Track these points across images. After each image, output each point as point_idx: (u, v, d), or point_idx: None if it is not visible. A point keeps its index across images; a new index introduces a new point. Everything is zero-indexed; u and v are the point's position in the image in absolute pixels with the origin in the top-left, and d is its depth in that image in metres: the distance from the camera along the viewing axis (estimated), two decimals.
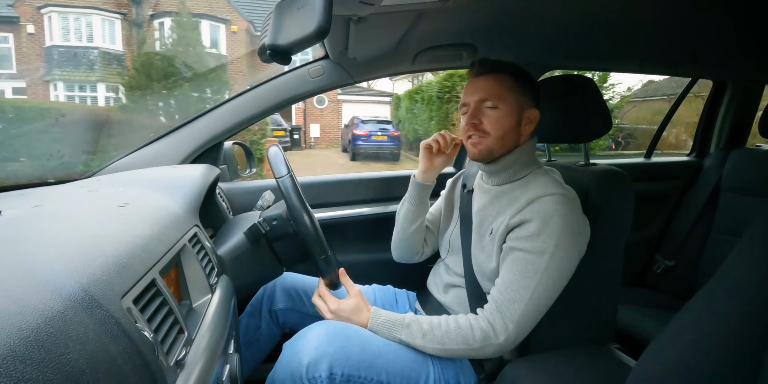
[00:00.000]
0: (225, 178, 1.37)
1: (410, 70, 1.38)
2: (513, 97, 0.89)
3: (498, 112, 0.89)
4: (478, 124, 0.90)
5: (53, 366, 0.31)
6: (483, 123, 0.90)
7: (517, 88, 0.90)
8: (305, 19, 0.58)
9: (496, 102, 0.89)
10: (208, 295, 0.69)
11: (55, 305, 0.35)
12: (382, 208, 1.48)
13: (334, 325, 0.83)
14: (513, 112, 0.89)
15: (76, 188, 0.85)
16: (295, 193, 0.83)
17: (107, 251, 0.48)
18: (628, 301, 1.54)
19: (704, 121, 1.91)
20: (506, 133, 0.90)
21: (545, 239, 0.81)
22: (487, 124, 0.89)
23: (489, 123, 0.89)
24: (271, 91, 1.26)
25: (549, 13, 1.03)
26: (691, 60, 1.49)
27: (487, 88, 0.89)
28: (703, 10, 0.99)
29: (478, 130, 0.90)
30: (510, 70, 0.91)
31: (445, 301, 1.01)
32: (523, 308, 0.81)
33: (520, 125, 0.91)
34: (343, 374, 0.77)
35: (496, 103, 0.89)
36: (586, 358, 0.90)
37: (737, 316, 0.53)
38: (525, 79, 0.91)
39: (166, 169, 1.06)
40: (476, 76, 0.92)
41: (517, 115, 0.90)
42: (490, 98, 0.89)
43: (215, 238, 0.92)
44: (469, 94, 0.92)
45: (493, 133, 0.89)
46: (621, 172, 0.97)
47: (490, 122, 0.89)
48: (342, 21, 0.90)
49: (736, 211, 1.60)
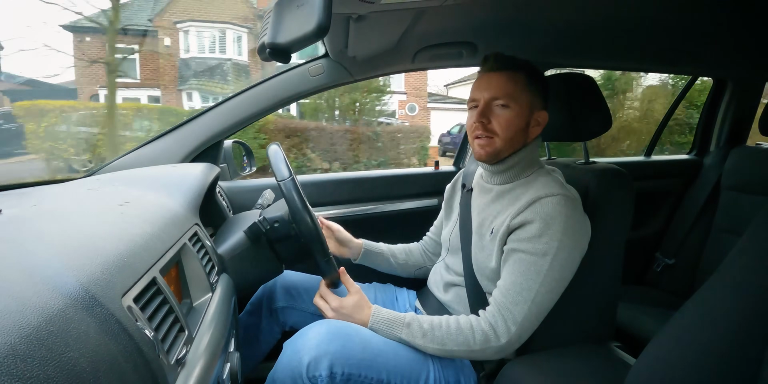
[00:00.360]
0: (225, 176, 1.37)
1: (410, 68, 1.38)
2: (525, 97, 0.86)
3: (509, 112, 0.86)
4: (486, 123, 0.87)
5: (54, 364, 0.31)
6: (492, 123, 0.87)
7: (530, 88, 0.87)
8: (305, 18, 0.58)
9: (508, 101, 0.85)
10: (209, 293, 0.69)
11: (55, 304, 0.36)
12: (382, 207, 1.49)
13: (334, 324, 0.83)
14: (524, 113, 0.87)
15: (76, 187, 0.85)
16: (298, 196, 0.83)
17: (108, 250, 0.48)
18: (629, 299, 1.54)
19: (704, 119, 1.91)
20: (515, 134, 0.87)
21: (547, 241, 0.81)
22: (496, 125, 0.86)
23: (498, 123, 0.86)
24: (270, 89, 1.26)
25: (549, 12, 1.02)
26: (691, 58, 1.49)
27: (500, 85, 0.86)
28: (703, 8, 0.99)
29: (487, 130, 0.87)
30: (525, 68, 0.87)
31: (445, 300, 1.01)
32: (525, 310, 0.80)
33: (528, 127, 0.89)
34: (344, 373, 0.77)
35: (507, 102, 0.85)
36: (586, 356, 0.90)
37: (737, 315, 0.53)
38: (538, 79, 0.89)
39: (166, 168, 1.06)
40: (489, 71, 0.88)
41: (527, 117, 0.88)
42: (502, 97, 0.86)
43: (215, 236, 0.92)
44: (480, 90, 0.88)
45: (502, 135, 0.87)
46: (621, 171, 0.96)
47: (500, 123, 0.86)
48: (342, 19, 0.90)
49: (736, 210, 1.60)
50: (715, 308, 0.57)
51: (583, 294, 0.91)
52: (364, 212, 1.47)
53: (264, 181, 1.43)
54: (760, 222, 0.57)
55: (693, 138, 1.99)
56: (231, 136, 1.30)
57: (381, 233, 1.30)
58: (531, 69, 0.88)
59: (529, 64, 0.89)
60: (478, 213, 0.96)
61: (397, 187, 1.53)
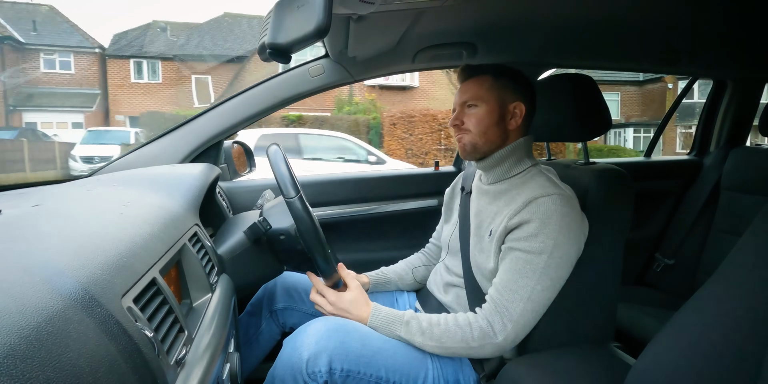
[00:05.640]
0: (225, 177, 1.37)
1: (410, 69, 1.38)
2: (493, 94, 0.93)
3: (478, 110, 0.93)
4: (459, 124, 0.95)
5: (53, 365, 0.31)
6: (465, 123, 0.94)
7: (497, 85, 0.93)
8: (305, 18, 0.58)
9: (476, 101, 0.93)
10: (209, 294, 0.69)
11: (55, 304, 0.35)
12: (382, 207, 1.48)
13: (334, 321, 0.84)
14: (494, 108, 0.92)
15: (76, 187, 0.85)
16: (308, 216, 0.82)
17: (107, 250, 0.48)
18: (628, 299, 1.54)
19: (704, 119, 1.91)
20: (488, 128, 0.93)
21: (543, 239, 0.81)
22: (468, 123, 0.94)
23: (470, 121, 0.93)
24: (270, 90, 1.25)
25: (549, 12, 1.02)
26: (691, 59, 1.49)
27: (468, 90, 0.94)
28: (703, 8, 0.99)
29: (461, 130, 0.95)
30: (489, 71, 0.94)
31: (445, 301, 1.01)
32: (521, 308, 0.81)
33: (504, 119, 0.94)
34: (343, 369, 0.77)
35: (475, 102, 0.93)
36: (586, 356, 0.89)
37: (737, 315, 0.53)
38: (505, 76, 0.95)
39: (165, 168, 1.06)
40: (461, 82, 0.97)
41: (500, 111, 0.93)
42: (470, 99, 0.93)
43: (215, 237, 0.92)
44: (456, 99, 0.97)
45: (474, 130, 0.93)
46: (621, 171, 0.96)
47: (471, 120, 0.93)
48: (342, 20, 0.90)
49: (736, 210, 1.60)
50: (714, 308, 0.57)
51: (583, 294, 0.91)
52: (364, 212, 1.47)
53: (264, 181, 1.43)
54: (760, 222, 0.57)
55: (693, 138, 1.99)
56: (231, 136, 1.30)
57: (381, 233, 1.30)
58: (496, 69, 0.95)
59: (494, 66, 0.96)
60: (476, 215, 0.97)
61: (397, 188, 1.53)
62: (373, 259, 1.42)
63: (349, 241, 1.46)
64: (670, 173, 1.83)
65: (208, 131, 1.23)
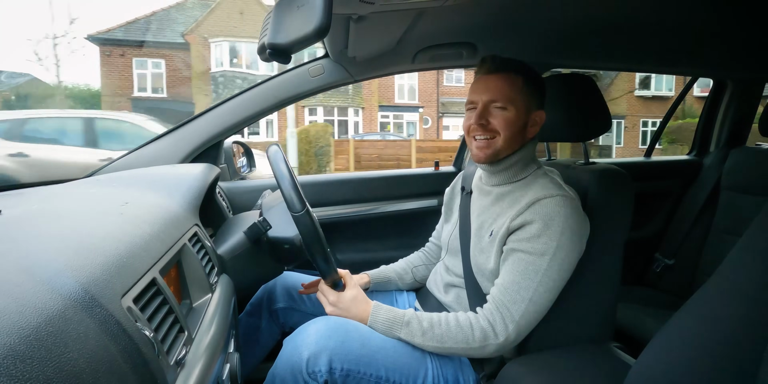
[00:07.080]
0: (225, 177, 1.37)
1: (410, 69, 1.38)
2: (522, 99, 0.87)
3: (507, 114, 0.87)
4: (486, 124, 0.88)
5: (53, 365, 0.31)
6: (491, 123, 0.87)
7: (527, 90, 0.88)
8: (305, 18, 0.58)
9: (506, 103, 0.86)
10: (209, 294, 0.69)
11: (55, 304, 0.35)
12: (382, 207, 1.48)
13: (334, 321, 0.84)
14: (521, 114, 0.88)
15: (76, 187, 0.85)
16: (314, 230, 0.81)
17: (107, 250, 0.48)
18: (628, 299, 1.54)
19: (704, 119, 1.91)
20: (514, 134, 0.88)
21: (546, 241, 0.81)
22: (496, 124, 0.87)
23: (498, 123, 0.87)
24: (270, 90, 1.26)
25: (549, 12, 1.02)
26: (691, 59, 1.49)
27: (498, 88, 0.87)
28: (703, 9, 0.99)
29: (488, 130, 0.88)
30: (521, 70, 0.88)
31: (445, 301, 1.01)
32: (523, 309, 0.81)
33: (526, 127, 0.90)
34: (343, 369, 0.77)
35: (505, 104, 0.86)
36: (586, 356, 0.90)
37: (737, 315, 0.53)
38: (535, 80, 0.90)
39: (165, 168, 1.06)
40: (486, 73, 0.89)
41: (525, 118, 0.89)
42: (500, 100, 0.87)
43: (215, 237, 0.92)
44: (478, 93, 0.89)
45: (503, 134, 0.87)
46: (621, 171, 0.96)
47: (499, 123, 0.87)
48: (342, 20, 0.90)
49: (735, 210, 1.60)
50: (714, 309, 0.57)
51: (583, 294, 0.91)
52: (364, 212, 1.47)
53: (264, 181, 1.43)
54: (760, 223, 0.57)
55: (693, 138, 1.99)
56: (230, 136, 1.30)
57: (381, 233, 1.30)
58: (528, 70, 0.89)
59: (526, 66, 0.89)
60: (477, 215, 0.97)
61: (397, 188, 1.53)
62: (373, 259, 1.42)
63: (349, 241, 1.46)
64: (670, 173, 1.83)
65: (207, 131, 1.23)
